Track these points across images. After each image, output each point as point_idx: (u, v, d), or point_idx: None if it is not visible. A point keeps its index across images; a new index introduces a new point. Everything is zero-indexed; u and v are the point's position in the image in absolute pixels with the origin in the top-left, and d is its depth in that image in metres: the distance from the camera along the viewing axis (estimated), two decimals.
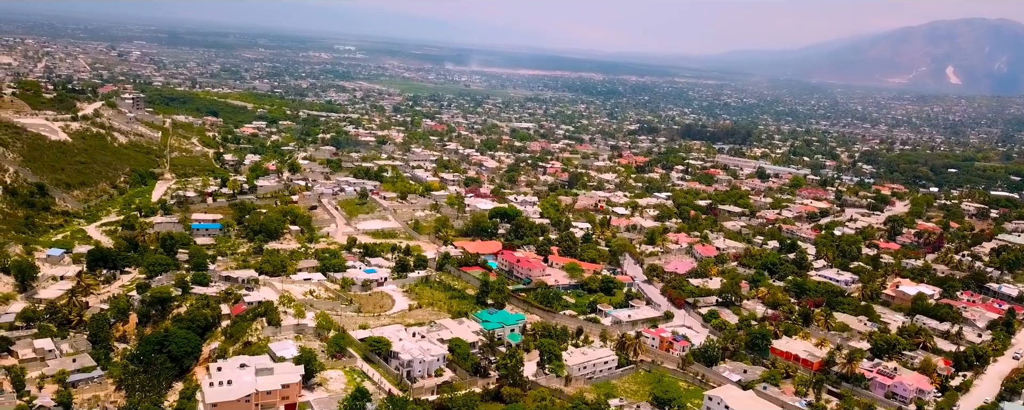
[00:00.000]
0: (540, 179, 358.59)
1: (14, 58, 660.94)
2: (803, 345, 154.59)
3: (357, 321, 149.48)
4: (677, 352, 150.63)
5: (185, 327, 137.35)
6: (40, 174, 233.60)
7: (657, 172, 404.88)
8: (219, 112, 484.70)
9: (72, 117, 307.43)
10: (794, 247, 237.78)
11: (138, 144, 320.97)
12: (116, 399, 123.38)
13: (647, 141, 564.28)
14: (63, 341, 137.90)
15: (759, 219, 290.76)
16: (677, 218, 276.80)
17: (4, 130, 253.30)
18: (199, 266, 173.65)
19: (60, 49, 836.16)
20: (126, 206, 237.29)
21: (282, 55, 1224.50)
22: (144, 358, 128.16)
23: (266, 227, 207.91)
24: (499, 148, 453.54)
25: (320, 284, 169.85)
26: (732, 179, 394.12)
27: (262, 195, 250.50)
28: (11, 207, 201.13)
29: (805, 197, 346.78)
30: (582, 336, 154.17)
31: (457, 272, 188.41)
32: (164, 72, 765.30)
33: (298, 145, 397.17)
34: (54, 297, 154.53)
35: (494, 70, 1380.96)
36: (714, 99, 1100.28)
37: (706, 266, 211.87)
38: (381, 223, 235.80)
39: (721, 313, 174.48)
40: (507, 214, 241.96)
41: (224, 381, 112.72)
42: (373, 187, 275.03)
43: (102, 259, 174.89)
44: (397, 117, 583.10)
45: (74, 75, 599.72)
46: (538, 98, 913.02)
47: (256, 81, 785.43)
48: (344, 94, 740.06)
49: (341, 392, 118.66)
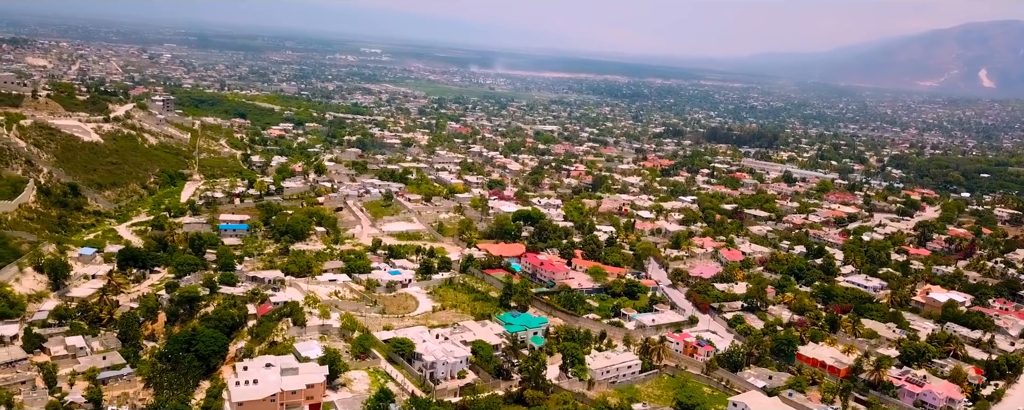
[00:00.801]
0: (564, 182, 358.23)
1: (49, 61, 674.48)
2: (830, 352, 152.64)
3: (381, 322, 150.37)
4: (701, 357, 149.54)
5: (212, 326, 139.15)
6: (73, 174, 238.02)
7: (682, 175, 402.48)
8: (247, 114, 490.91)
9: (104, 119, 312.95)
10: (821, 252, 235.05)
11: (168, 145, 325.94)
12: (145, 396, 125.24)
13: (672, 144, 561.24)
14: (94, 339, 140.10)
15: (785, 223, 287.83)
16: (702, 222, 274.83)
17: (39, 131, 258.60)
18: (226, 266, 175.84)
19: (93, 52, 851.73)
20: (156, 206, 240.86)
21: (309, 58, 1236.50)
22: (172, 356, 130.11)
23: (292, 228, 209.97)
24: (523, 151, 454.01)
25: (345, 285, 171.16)
26: (758, 183, 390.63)
27: (288, 196, 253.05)
28: (45, 207, 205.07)
29: (833, 202, 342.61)
30: (605, 340, 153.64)
31: (480, 274, 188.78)
32: (194, 74, 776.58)
33: (324, 147, 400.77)
34: (86, 295, 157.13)
35: (518, 73, 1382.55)
36: (740, 102, 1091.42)
37: (731, 271, 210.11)
38: (405, 225, 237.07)
39: (746, 318, 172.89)
40: (531, 217, 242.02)
41: (250, 380, 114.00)
42: (398, 189, 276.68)
43: (132, 258, 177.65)
44: (422, 120, 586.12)
45: (106, 77, 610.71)
46: (562, 101, 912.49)
47: (283, 83, 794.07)
48: (370, 97, 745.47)
49: (365, 393, 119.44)
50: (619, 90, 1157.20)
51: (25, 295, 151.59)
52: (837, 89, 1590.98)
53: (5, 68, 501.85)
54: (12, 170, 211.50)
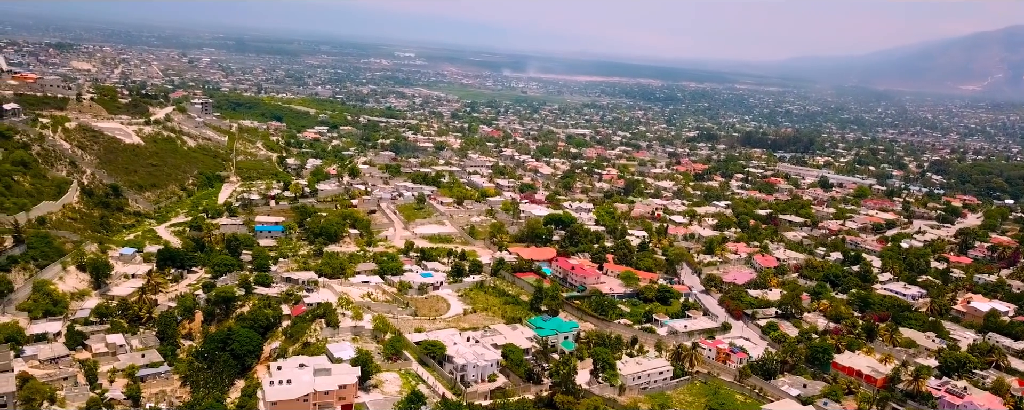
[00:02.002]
0: (596, 186, 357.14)
1: (93, 65, 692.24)
2: (866, 361, 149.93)
3: (413, 324, 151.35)
4: (734, 364, 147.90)
5: (247, 326, 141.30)
6: (115, 176, 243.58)
7: (716, 180, 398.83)
8: (283, 117, 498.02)
9: (145, 121, 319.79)
10: (858, 259, 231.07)
11: (206, 148, 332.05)
12: (181, 394, 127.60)
13: (706, 148, 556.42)
14: (133, 337, 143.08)
15: (821, 230, 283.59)
16: (736, 227, 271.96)
17: (83, 133, 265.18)
18: (262, 267, 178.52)
19: (135, 56, 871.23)
20: (194, 208, 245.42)
21: (344, 61, 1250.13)
22: (208, 355, 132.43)
23: (326, 230, 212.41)
24: (555, 154, 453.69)
25: (377, 287, 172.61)
26: (793, 188, 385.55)
27: (323, 199, 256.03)
28: (88, 207, 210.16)
29: (870, 208, 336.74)
30: (637, 346, 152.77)
31: (511, 278, 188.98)
32: (231, 78, 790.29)
33: (358, 150, 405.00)
34: (126, 294, 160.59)
35: (551, 76, 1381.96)
36: (776, 106, 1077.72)
37: (766, 277, 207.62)
38: (438, 228, 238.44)
39: (780, 325, 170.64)
40: (562, 221, 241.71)
41: (284, 380, 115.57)
42: (430, 192, 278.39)
43: (171, 258, 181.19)
44: (455, 123, 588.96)
45: (148, 81, 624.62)
46: (595, 104, 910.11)
47: (319, 87, 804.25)
48: (403, 100, 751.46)
49: (396, 394, 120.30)
50: (652, 94, 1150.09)
51: (68, 293, 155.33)
52: (875, 93, 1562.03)
53: (51, 72, 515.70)
54: (57, 171, 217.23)
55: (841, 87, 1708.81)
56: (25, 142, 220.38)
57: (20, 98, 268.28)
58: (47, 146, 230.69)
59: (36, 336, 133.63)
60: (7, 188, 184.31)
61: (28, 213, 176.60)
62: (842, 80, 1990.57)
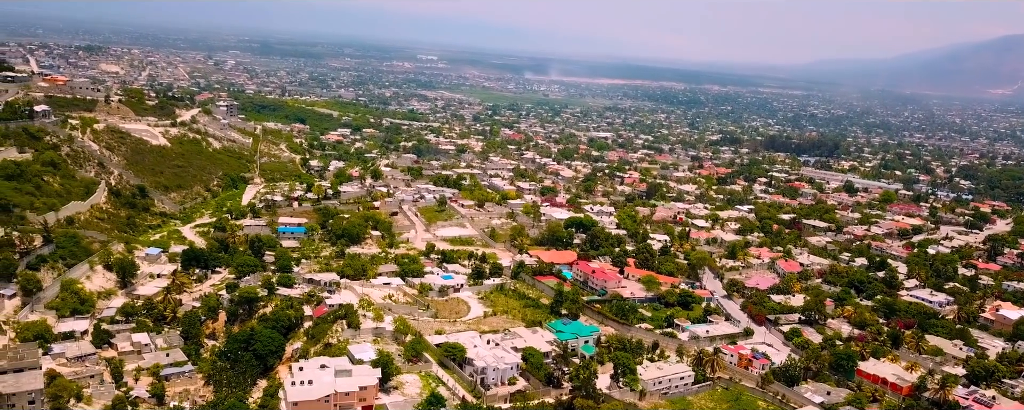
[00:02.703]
0: (617, 189, 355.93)
1: (121, 67, 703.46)
2: (892, 368, 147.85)
3: (433, 326, 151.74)
4: (757, 370, 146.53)
5: (270, 327, 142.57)
6: (141, 177, 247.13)
7: (739, 184, 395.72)
8: (306, 119, 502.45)
9: (171, 123, 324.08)
10: (883, 265, 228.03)
11: (230, 149, 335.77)
12: (205, 393, 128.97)
13: (729, 152, 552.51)
14: (158, 336, 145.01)
15: (846, 235, 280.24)
16: (759, 232, 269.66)
17: (111, 135, 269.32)
18: (284, 268, 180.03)
19: (162, 58, 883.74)
20: (218, 209, 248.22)
21: (367, 64, 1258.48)
22: (231, 355, 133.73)
23: (348, 232, 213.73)
24: (576, 157, 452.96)
25: (399, 289, 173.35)
26: (818, 193, 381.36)
27: (345, 200, 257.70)
28: (115, 207, 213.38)
29: (896, 213, 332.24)
30: (658, 350, 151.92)
31: (532, 281, 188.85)
32: (256, 80, 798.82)
33: (380, 152, 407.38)
34: (151, 294, 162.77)
35: (573, 79, 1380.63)
36: (800, 110, 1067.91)
37: (789, 282, 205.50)
38: (458, 230, 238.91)
39: (804, 331, 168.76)
40: (583, 224, 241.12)
41: (305, 381, 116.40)
42: (451, 195, 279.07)
43: (195, 259, 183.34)
44: (476, 126, 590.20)
45: (174, 83, 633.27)
46: (617, 107, 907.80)
47: (342, 90, 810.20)
48: (426, 103, 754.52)
49: (416, 396, 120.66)
50: (675, 97, 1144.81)
51: (95, 292, 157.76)
52: (902, 97, 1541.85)
53: (81, 74, 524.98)
54: (86, 172, 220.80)
55: (867, 90, 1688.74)
56: (55, 143, 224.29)
57: (50, 100, 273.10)
58: (76, 147, 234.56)
59: (64, 334, 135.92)
60: (37, 188, 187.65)
61: (57, 213, 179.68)
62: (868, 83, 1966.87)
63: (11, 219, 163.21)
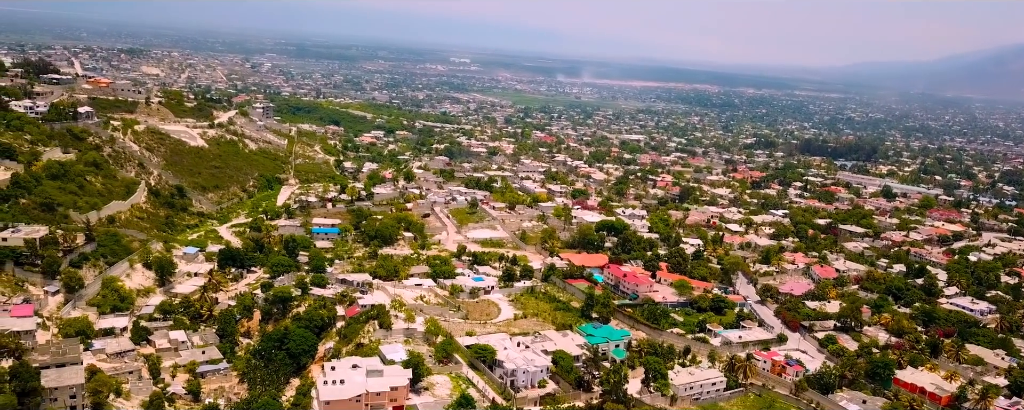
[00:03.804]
0: (649, 192, 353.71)
1: (161, 69, 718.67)
2: (930, 377, 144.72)
3: (464, 328, 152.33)
4: (790, 377, 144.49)
5: (303, 326, 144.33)
6: (180, 177, 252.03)
7: (774, 188, 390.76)
8: (340, 121, 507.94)
9: (209, 125, 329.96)
10: (922, 272, 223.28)
11: (266, 151, 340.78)
12: (239, 391, 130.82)
13: (763, 156, 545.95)
14: (194, 334, 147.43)
15: (884, 241, 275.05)
16: (794, 237, 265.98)
17: (151, 136, 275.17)
18: (318, 268, 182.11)
19: (201, 61, 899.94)
20: (254, 209, 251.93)
21: (400, 67, 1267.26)
22: (265, 354, 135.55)
23: (381, 233, 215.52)
24: (608, 160, 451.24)
25: (430, 290, 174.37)
26: (854, 198, 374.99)
27: (378, 202, 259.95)
28: (154, 207, 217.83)
29: (936, 219, 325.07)
30: (689, 355, 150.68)
31: (562, 284, 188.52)
32: (292, 83, 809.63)
33: (413, 154, 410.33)
34: (188, 292, 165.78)
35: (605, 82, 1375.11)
36: (837, 113, 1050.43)
37: (824, 288, 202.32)
38: (489, 232, 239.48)
39: (839, 338, 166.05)
40: (614, 227, 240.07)
41: (337, 380, 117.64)
42: (483, 197, 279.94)
43: (231, 258, 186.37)
44: (508, 128, 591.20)
45: (212, 85, 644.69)
46: (650, 110, 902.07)
47: (375, 92, 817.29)
48: (458, 106, 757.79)
49: (447, 397, 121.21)
50: (709, 100, 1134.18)
51: (134, 290, 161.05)
52: (943, 100, 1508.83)
53: (123, 76, 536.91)
54: (126, 172, 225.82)
55: (906, 94, 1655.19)
56: (97, 144, 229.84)
57: (94, 101, 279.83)
58: (117, 148, 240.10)
59: (104, 330, 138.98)
60: (80, 188, 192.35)
61: (99, 212, 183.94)
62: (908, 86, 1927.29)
63: (55, 217, 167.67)
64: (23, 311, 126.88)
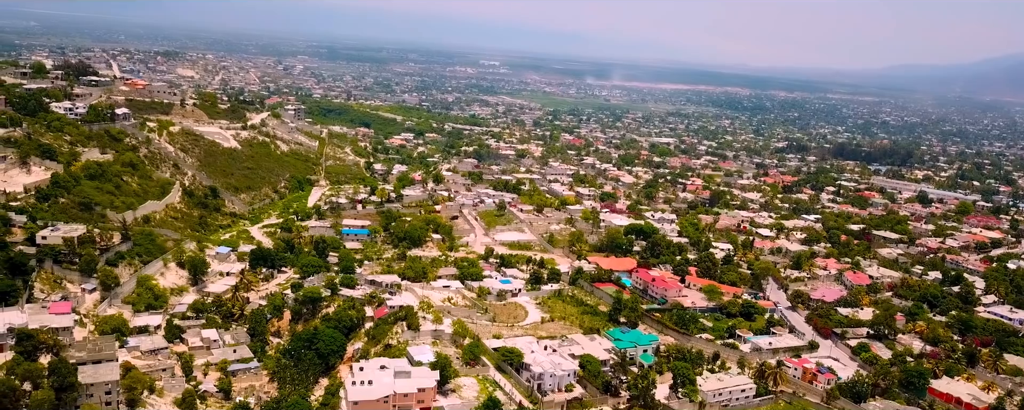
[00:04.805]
0: (679, 196, 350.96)
1: (196, 72, 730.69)
2: (967, 388, 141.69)
3: (491, 330, 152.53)
4: (821, 385, 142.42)
5: (332, 326, 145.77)
6: (213, 178, 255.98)
7: (805, 193, 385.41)
8: (371, 123, 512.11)
9: (242, 126, 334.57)
10: (959, 279, 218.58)
11: (297, 152, 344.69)
12: (269, 390, 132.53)
13: (795, 160, 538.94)
14: (226, 332, 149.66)
15: (919, 247, 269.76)
16: (826, 242, 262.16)
17: (185, 137, 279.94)
18: (347, 269, 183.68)
19: (234, 63, 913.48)
20: (285, 210, 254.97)
21: (430, 70, 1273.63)
22: (295, 353, 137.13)
23: (410, 234, 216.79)
24: (637, 163, 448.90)
25: (458, 292, 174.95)
26: (889, 203, 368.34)
27: (407, 204, 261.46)
28: (188, 207, 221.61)
29: (974, 225, 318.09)
30: (718, 362, 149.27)
31: (590, 287, 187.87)
32: (323, 85, 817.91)
33: (442, 157, 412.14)
34: (220, 291, 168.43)
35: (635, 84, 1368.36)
36: (871, 117, 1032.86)
37: (857, 295, 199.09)
38: (517, 235, 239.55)
39: (872, 346, 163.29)
40: (643, 231, 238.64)
41: (365, 381, 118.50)
42: (511, 199, 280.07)
43: (262, 258, 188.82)
44: (536, 131, 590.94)
45: (245, 87, 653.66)
46: (680, 113, 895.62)
47: (405, 95, 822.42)
48: (487, 108, 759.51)
49: (474, 400, 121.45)
50: (740, 103, 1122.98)
51: (168, 289, 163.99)
52: (981, 104, 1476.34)
53: (159, 78, 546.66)
54: (161, 173, 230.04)
55: (943, 97, 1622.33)
56: (134, 145, 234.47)
57: (130, 103, 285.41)
58: (153, 149, 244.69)
59: (138, 328, 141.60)
60: (117, 188, 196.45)
61: (135, 212, 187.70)
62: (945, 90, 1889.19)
63: (93, 217, 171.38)
64: (61, 308, 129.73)
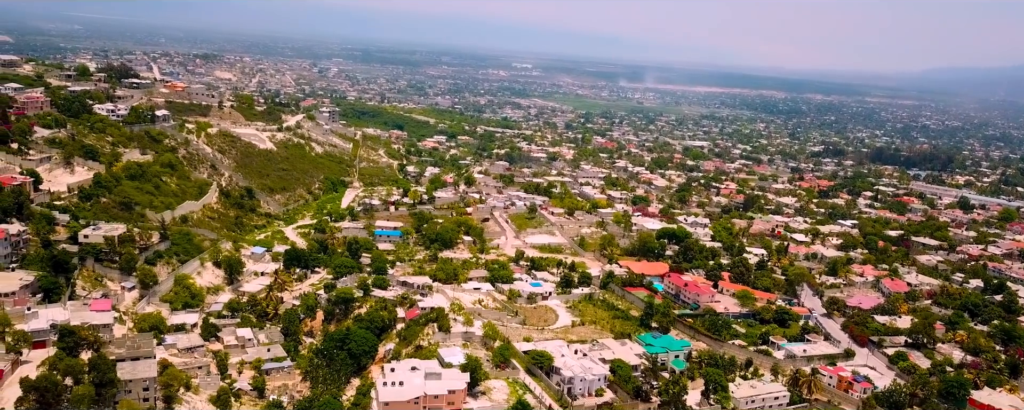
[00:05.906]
0: (712, 200, 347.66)
1: (234, 74, 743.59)
2: (1009, 399, 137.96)
3: (521, 333, 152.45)
4: (857, 394, 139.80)
5: (364, 327, 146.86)
6: (249, 179, 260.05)
7: (842, 198, 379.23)
8: (404, 126, 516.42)
9: (278, 128, 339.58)
10: (1002, 288, 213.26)
11: (331, 154, 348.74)
12: (302, 389, 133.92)
13: (832, 164, 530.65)
14: (260, 332, 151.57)
15: (960, 254, 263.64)
16: (863, 248, 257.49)
17: (223, 139, 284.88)
18: (379, 270, 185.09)
19: (271, 66, 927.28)
20: (319, 211, 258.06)
21: (463, 72, 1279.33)
22: (327, 353, 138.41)
23: (442, 236, 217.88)
24: (670, 167, 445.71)
25: (488, 294, 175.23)
26: (928, 209, 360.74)
27: (439, 206, 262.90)
28: (225, 207, 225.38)
29: (1017, 232, 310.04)
30: (751, 368, 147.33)
31: (621, 292, 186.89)
32: (357, 87, 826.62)
33: (474, 159, 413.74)
34: (255, 291, 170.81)
35: (668, 87, 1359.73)
36: (910, 121, 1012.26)
37: (895, 302, 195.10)
38: (548, 238, 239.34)
39: (910, 355, 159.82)
40: (676, 235, 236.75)
41: (396, 382, 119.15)
42: (542, 202, 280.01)
43: (296, 259, 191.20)
44: (568, 134, 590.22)
45: (281, 90, 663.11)
46: (714, 116, 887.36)
47: (438, 97, 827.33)
48: (519, 111, 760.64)
49: (503, 403, 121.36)
50: (775, 106, 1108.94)
51: (205, 288, 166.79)
52: None
53: (197, 81, 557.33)
54: (199, 173, 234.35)
55: (986, 101, 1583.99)
56: (173, 146, 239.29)
57: (170, 105, 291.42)
58: (191, 150, 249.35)
59: (176, 326, 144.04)
60: (156, 188, 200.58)
61: (173, 212, 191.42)
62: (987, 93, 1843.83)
63: (132, 216, 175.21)
64: (102, 306, 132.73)
